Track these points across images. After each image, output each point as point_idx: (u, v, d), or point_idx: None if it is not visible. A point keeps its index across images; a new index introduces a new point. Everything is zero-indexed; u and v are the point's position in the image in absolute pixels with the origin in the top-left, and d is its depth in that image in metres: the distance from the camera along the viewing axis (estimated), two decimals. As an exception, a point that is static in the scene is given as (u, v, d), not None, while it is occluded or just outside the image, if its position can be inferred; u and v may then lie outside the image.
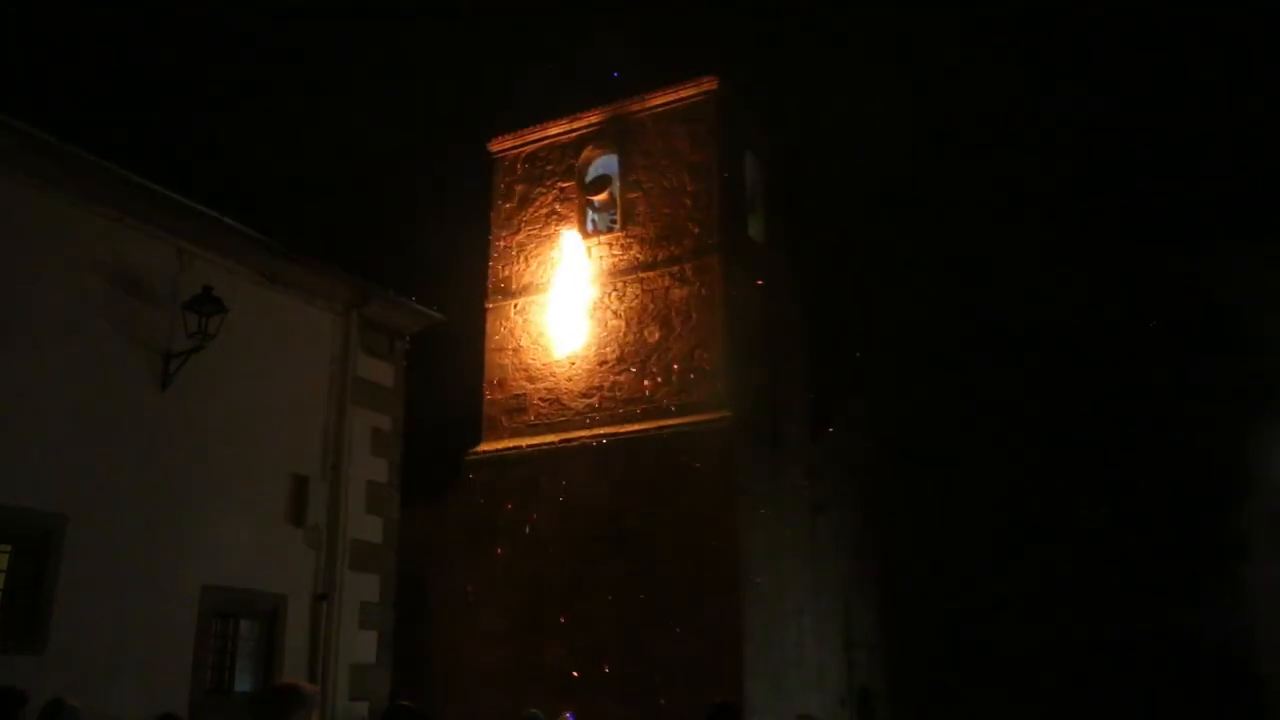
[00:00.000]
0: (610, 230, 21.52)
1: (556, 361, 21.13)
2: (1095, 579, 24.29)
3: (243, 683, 11.03)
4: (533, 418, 21.03)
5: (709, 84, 21.10)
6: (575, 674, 18.54)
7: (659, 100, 21.55)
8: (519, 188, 22.79)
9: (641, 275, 20.74)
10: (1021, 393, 25.74)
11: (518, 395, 21.34)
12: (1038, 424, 25.74)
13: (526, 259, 22.21)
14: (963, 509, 24.80)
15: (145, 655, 9.85)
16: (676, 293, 20.27)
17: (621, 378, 20.33)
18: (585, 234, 21.78)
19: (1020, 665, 23.06)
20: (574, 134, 22.49)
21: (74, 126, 10.99)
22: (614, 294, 20.91)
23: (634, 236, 21.09)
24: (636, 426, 19.74)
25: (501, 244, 22.64)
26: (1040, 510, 24.86)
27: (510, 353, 21.72)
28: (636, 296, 20.66)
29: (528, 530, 20.02)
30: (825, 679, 20.77)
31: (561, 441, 20.37)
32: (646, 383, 20.05)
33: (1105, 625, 23.86)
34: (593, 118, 22.27)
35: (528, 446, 20.72)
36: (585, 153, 22.32)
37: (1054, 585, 24.18)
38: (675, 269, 20.46)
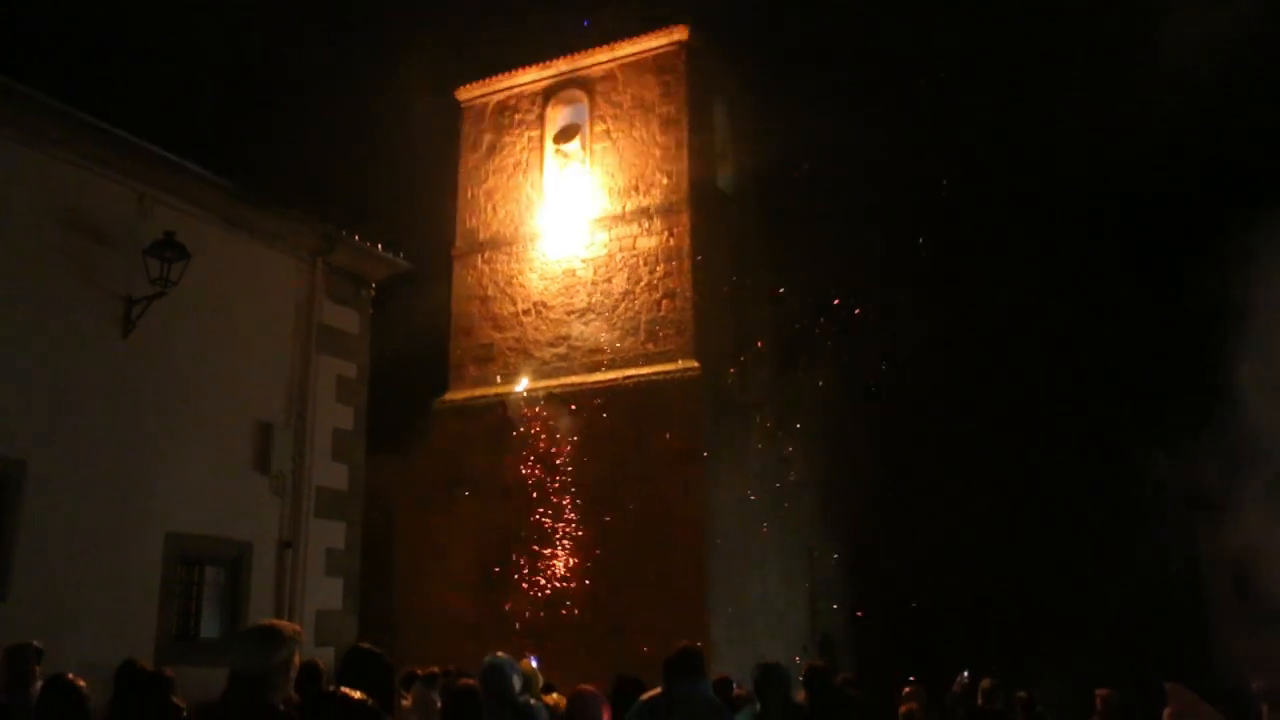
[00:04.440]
0: (579, 179, 21.41)
1: (524, 311, 21.12)
2: (1057, 527, 24.64)
3: (209, 629, 11.06)
4: (500, 366, 21.04)
5: (679, 33, 20.97)
6: (542, 621, 18.70)
7: (628, 49, 21.40)
8: (487, 136, 22.64)
9: (610, 224, 20.72)
10: (990, 339, 25.90)
11: (485, 344, 21.33)
12: (1006, 370, 25.95)
13: (494, 208, 22.11)
14: (929, 460, 25.03)
15: (110, 602, 9.84)
16: (644, 243, 20.27)
17: (589, 327, 20.35)
18: (553, 184, 21.67)
19: (981, 614, 23.38)
20: (543, 83, 22.33)
21: (29, 68, 10.82)
22: (582, 243, 20.88)
23: (602, 186, 21.03)
24: (603, 376, 19.79)
25: (469, 193, 22.52)
26: (1005, 459, 25.13)
27: (478, 301, 21.68)
28: (604, 246, 20.64)
29: (494, 480, 20.08)
30: (788, 627, 21.05)
31: (528, 391, 20.40)
32: (614, 333, 20.08)
33: (1064, 573, 24.24)
34: (562, 66, 22.10)
35: (495, 395, 20.75)
36: (554, 102, 22.17)
37: (1015, 535, 24.51)
38: (644, 219, 20.44)
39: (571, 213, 21.16)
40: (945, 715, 10.75)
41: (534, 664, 9.41)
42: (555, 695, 7.57)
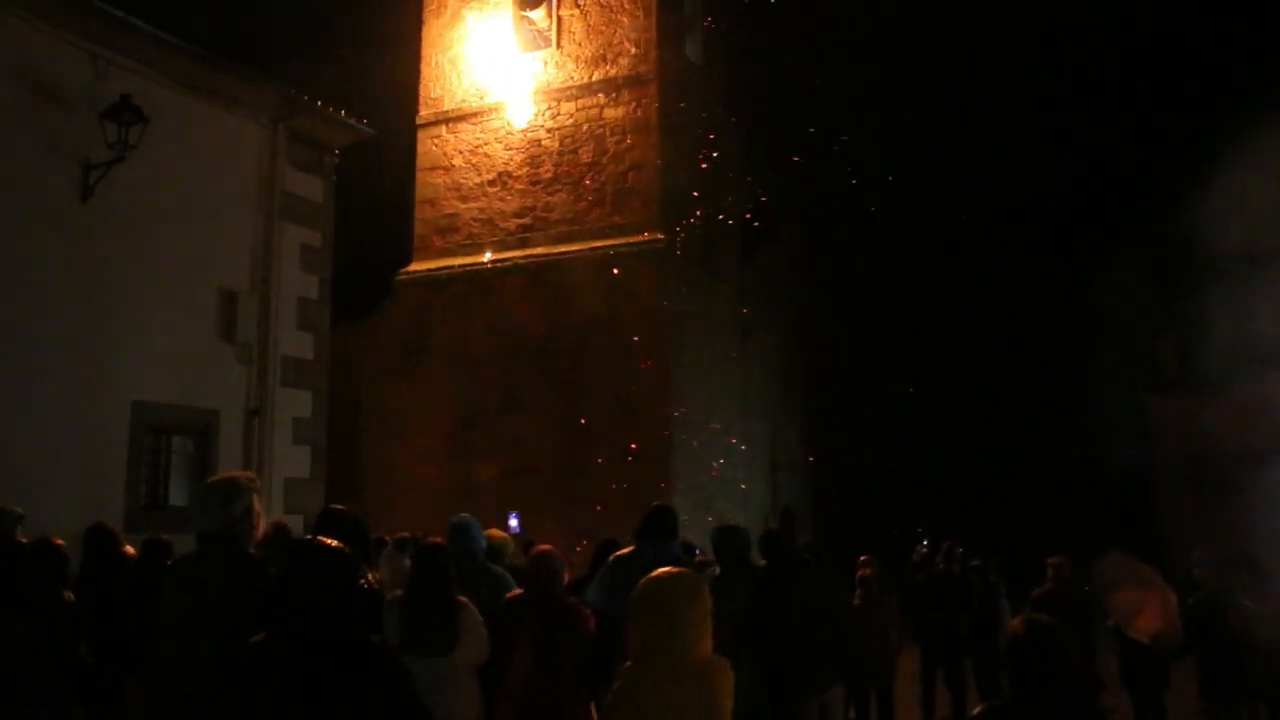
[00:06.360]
0: (545, 48, 20.97)
1: (489, 180, 20.87)
2: (1014, 405, 25.08)
3: (177, 497, 11.12)
4: (465, 238, 20.88)
5: (648, -106, 20.34)
6: (508, 489, 18.91)
7: (597, -89, 20.76)
8: (452, 1, 22.03)
9: (577, 95, 20.38)
10: (952, 220, 25.98)
11: (449, 215, 21.12)
12: (967, 252, 26.09)
13: (459, 76, 21.65)
14: (890, 335, 25.28)
15: (78, 471, 9.85)
16: (611, 113, 19.99)
17: (555, 198, 20.18)
18: (520, 52, 21.21)
19: (938, 487, 23.88)
20: (509, -55, 21.66)
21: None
22: (548, 113, 20.56)
23: (569, 55, 20.63)
24: (569, 247, 19.70)
25: (434, 60, 22.01)
26: (964, 338, 25.44)
27: (442, 171, 21.39)
28: (571, 116, 20.34)
29: (460, 350, 20.10)
30: (750, 498, 21.41)
31: (494, 262, 20.30)
32: (580, 204, 19.93)
33: (1020, 451, 24.77)
34: (529, -72, 21.43)
35: (459, 266, 20.64)
36: (521, -34, 21.55)
37: (972, 412, 24.93)
38: (611, 89, 20.13)
39: (538, 82, 20.78)
40: (903, 580, 11.07)
41: (514, 523, 9.51)
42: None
